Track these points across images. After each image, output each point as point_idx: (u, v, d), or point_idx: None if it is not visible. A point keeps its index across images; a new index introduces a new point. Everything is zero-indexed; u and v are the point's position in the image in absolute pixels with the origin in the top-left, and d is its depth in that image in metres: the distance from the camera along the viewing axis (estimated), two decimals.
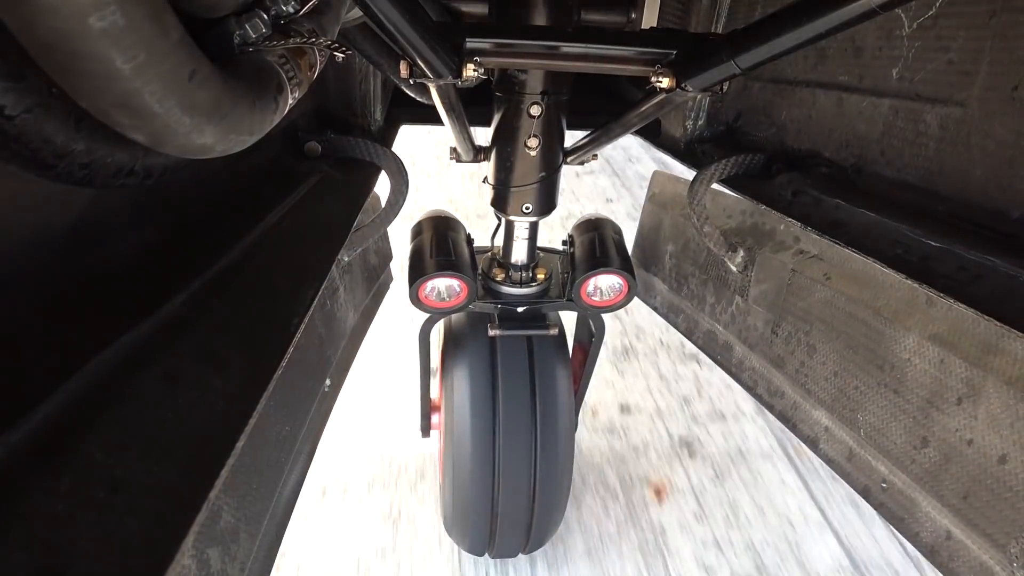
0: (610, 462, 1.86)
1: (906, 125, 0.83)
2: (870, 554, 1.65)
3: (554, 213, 1.18)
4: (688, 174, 1.18)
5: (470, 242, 1.26)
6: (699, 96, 0.78)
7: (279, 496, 0.77)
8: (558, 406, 1.26)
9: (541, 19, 0.91)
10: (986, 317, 0.67)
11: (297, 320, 0.63)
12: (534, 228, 1.20)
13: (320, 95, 1.14)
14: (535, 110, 0.99)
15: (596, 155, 1.23)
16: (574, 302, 1.21)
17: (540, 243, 1.25)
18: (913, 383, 0.84)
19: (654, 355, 2.31)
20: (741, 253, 1.16)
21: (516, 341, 1.27)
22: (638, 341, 2.37)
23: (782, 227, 1.10)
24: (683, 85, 0.74)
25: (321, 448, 1.03)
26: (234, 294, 0.63)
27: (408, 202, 1.17)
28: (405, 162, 1.13)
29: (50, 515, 0.37)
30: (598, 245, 1.20)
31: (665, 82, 0.75)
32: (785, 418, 1.10)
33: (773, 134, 1.09)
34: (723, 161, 1.08)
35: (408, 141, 2.64)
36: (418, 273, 1.14)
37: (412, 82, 0.78)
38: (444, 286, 1.16)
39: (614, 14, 1.06)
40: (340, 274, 1.18)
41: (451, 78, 0.75)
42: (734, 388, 2.04)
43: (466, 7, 1.04)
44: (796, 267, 1.05)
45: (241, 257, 0.68)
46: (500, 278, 1.23)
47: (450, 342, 1.31)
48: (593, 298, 1.21)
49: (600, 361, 1.42)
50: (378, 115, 1.20)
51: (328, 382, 1.02)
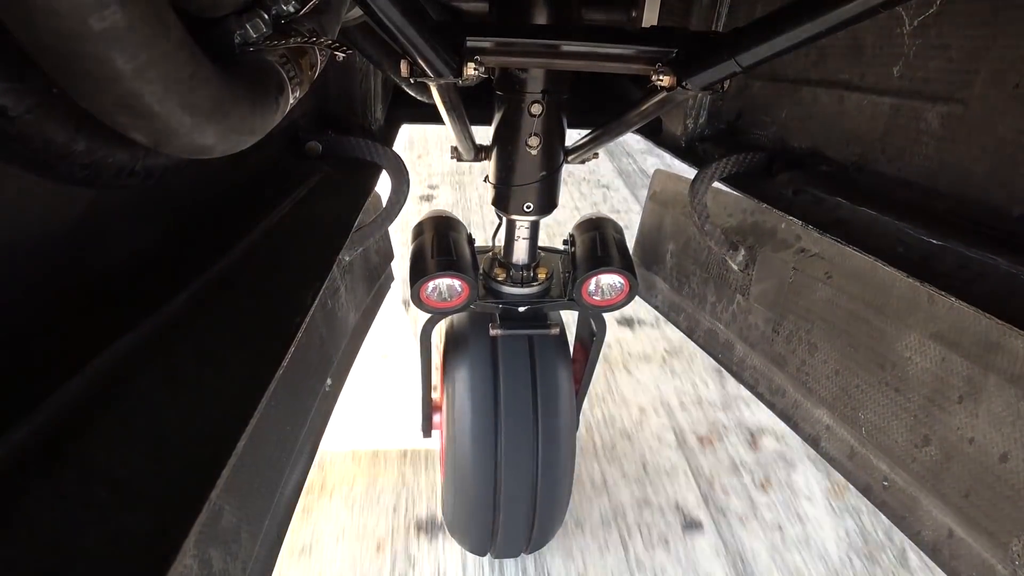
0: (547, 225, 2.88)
1: (907, 123, 0.83)
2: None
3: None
4: (689, 173, 1.18)
5: (471, 242, 1.26)
6: (700, 94, 0.78)
7: (280, 496, 0.78)
8: (559, 405, 1.26)
9: (542, 18, 0.91)
10: (987, 315, 0.67)
11: (298, 320, 0.63)
12: (535, 227, 1.20)
13: (321, 95, 1.14)
14: (536, 109, 0.99)
15: (597, 154, 1.24)
16: (575, 301, 1.21)
17: (540, 242, 1.25)
18: (914, 381, 0.84)
19: (577, 184, 4.01)
20: (742, 252, 1.16)
21: (517, 341, 1.27)
22: (569, 176, 3.93)
23: (783, 225, 1.10)
24: (684, 83, 0.74)
25: None
26: (235, 294, 0.63)
27: None
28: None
29: (51, 515, 0.37)
30: (599, 244, 1.20)
31: (666, 80, 0.75)
32: (786, 417, 1.10)
33: (774, 132, 1.09)
34: (724, 160, 1.08)
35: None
36: (420, 273, 1.14)
37: (413, 81, 0.78)
38: (445, 286, 1.16)
39: (615, 12, 1.06)
40: (341, 274, 1.18)
41: (452, 77, 0.75)
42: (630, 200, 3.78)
43: (467, 6, 1.04)
44: (797, 265, 1.05)
45: (242, 257, 0.68)
46: (501, 278, 1.23)
47: (451, 342, 1.31)
48: (594, 297, 1.21)
49: None
50: (379, 114, 1.20)
51: (329, 382, 1.02)
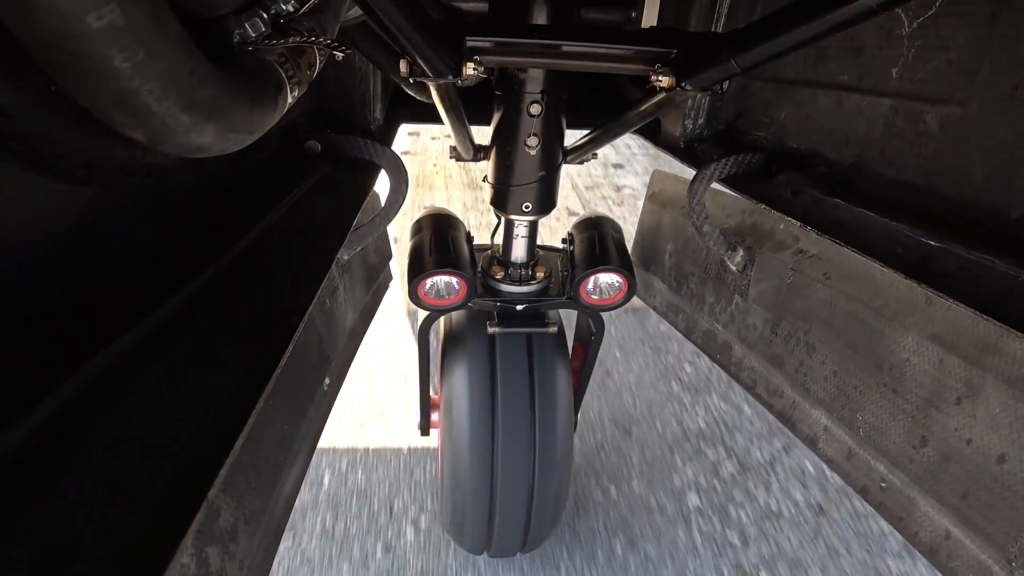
0: None
1: (906, 125, 0.83)
2: None
3: None
4: (688, 173, 1.18)
5: (470, 240, 1.26)
6: (699, 95, 0.78)
7: (278, 495, 0.77)
8: (557, 404, 1.26)
9: (541, 18, 0.91)
10: (985, 317, 0.67)
11: (296, 319, 0.63)
12: (534, 226, 1.20)
13: (320, 94, 1.14)
14: (535, 109, 0.99)
15: (596, 154, 1.24)
16: (573, 300, 1.21)
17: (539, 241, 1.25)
18: (912, 383, 0.84)
19: None
20: (740, 252, 1.16)
21: (515, 339, 1.27)
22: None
23: (782, 226, 1.10)
24: (683, 84, 0.74)
25: None
26: (233, 293, 0.63)
27: None
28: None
29: (50, 514, 0.37)
30: (598, 244, 1.20)
31: (665, 81, 0.75)
32: (784, 417, 1.10)
33: (773, 133, 1.09)
34: (723, 160, 1.08)
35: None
36: (417, 270, 1.14)
37: (412, 81, 0.78)
38: (443, 283, 1.16)
39: (614, 13, 1.06)
40: (339, 273, 1.18)
41: (451, 77, 0.75)
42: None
43: (466, 6, 1.04)
44: (795, 266, 1.05)
45: (240, 256, 0.68)
46: (500, 276, 1.23)
47: (449, 340, 1.31)
48: (592, 296, 1.21)
49: None
50: (378, 114, 1.20)
51: (327, 381, 1.02)
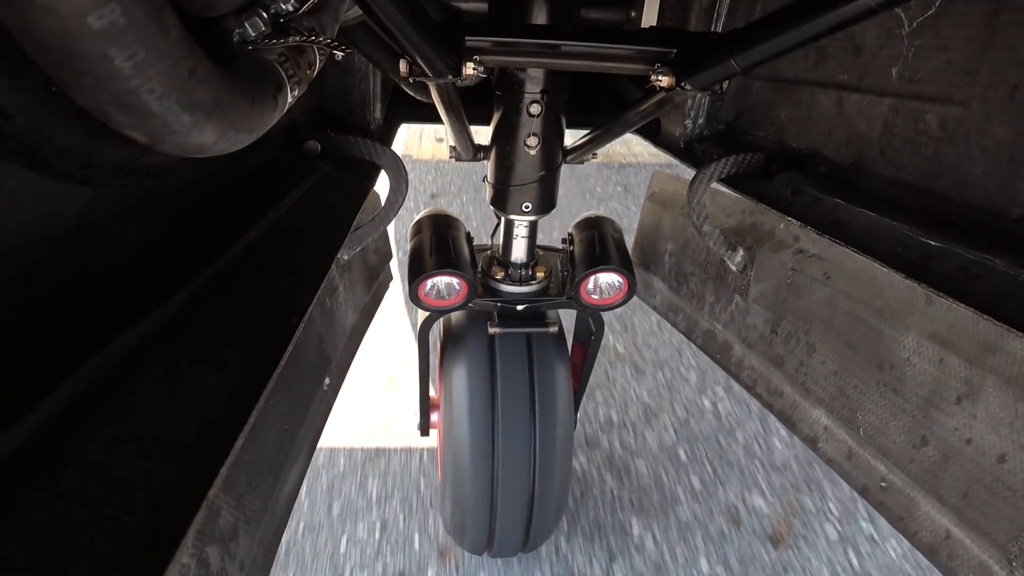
0: None
1: (906, 124, 0.83)
2: None
3: None
4: (688, 173, 1.18)
5: (470, 240, 1.26)
6: (699, 95, 0.78)
7: (278, 495, 0.77)
8: (557, 404, 1.26)
9: (541, 18, 0.91)
10: (985, 316, 0.67)
11: (296, 319, 0.63)
12: (533, 227, 1.20)
13: (319, 94, 1.14)
14: (535, 109, 0.99)
15: (596, 154, 1.24)
16: (573, 300, 1.21)
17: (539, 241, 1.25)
18: (912, 382, 0.84)
19: None
20: (741, 252, 1.16)
21: (515, 339, 1.27)
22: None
23: (782, 226, 1.10)
24: (683, 84, 0.74)
25: None
26: (233, 293, 0.63)
27: None
28: None
29: (50, 513, 0.37)
30: (598, 243, 1.20)
31: (665, 81, 0.75)
32: (784, 417, 1.10)
33: (773, 133, 1.09)
34: (723, 160, 1.08)
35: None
36: (418, 271, 1.14)
37: (412, 81, 0.78)
38: (444, 284, 1.16)
39: (614, 12, 1.06)
40: (339, 273, 1.18)
41: (451, 77, 0.75)
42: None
43: (466, 5, 1.04)
44: (795, 266, 1.05)
45: (240, 256, 0.68)
46: (500, 276, 1.23)
47: (449, 340, 1.31)
48: (592, 296, 1.21)
49: None
50: (377, 114, 1.20)
51: (327, 381, 1.02)
